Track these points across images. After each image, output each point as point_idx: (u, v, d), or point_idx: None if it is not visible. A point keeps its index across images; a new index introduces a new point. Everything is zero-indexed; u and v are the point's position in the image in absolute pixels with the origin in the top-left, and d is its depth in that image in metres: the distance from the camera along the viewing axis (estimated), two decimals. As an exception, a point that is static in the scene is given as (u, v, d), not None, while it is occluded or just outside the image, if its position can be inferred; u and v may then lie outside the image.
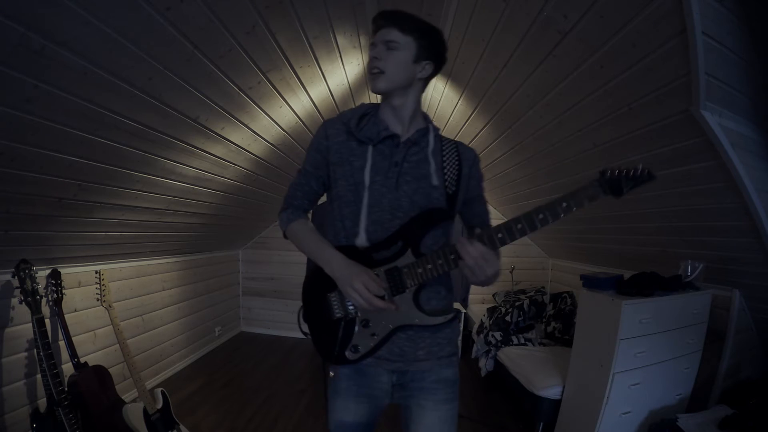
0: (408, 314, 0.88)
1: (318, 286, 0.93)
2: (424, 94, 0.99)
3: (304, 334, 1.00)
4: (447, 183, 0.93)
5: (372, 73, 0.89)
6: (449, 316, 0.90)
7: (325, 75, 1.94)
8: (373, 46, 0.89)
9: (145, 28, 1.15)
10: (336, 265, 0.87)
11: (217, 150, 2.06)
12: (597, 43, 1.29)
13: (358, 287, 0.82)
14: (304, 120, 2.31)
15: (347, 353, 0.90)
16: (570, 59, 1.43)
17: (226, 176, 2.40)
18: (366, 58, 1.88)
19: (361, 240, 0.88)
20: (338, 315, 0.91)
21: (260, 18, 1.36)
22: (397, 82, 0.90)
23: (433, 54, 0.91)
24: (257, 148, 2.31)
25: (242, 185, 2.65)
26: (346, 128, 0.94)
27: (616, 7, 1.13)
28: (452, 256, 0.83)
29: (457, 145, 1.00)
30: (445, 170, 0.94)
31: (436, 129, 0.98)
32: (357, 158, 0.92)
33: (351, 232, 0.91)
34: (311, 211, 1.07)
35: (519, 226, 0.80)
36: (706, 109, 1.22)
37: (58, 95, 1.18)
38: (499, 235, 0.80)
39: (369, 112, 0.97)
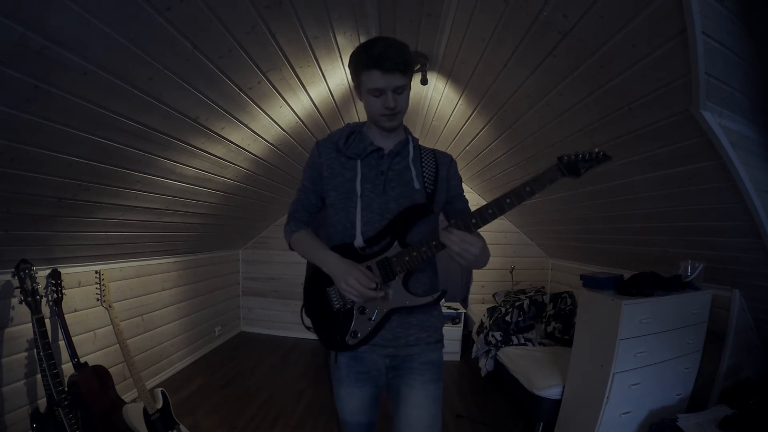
0: (399, 298, 1.00)
1: (318, 283, 1.06)
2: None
3: (308, 328, 1.10)
4: (426, 184, 1.06)
5: (386, 116, 0.98)
6: (435, 295, 1.01)
7: (325, 75, 1.94)
8: (378, 92, 0.94)
9: (145, 28, 1.15)
10: (331, 264, 0.99)
11: (217, 150, 2.06)
12: (597, 43, 1.29)
13: (350, 282, 0.93)
14: (304, 120, 2.31)
15: (348, 339, 1.02)
16: (570, 59, 1.43)
17: (226, 176, 2.40)
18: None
19: (358, 241, 1.00)
20: (337, 306, 1.03)
21: (260, 18, 1.36)
22: (405, 113, 1.02)
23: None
24: (257, 148, 2.31)
25: (242, 185, 2.66)
26: (335, 147, 1.06)
27: (616, 7, 1.13)
28: (434, 242, 0.94)
29: (435, 152, 1.14)
30: (425, 174, 1.07)
31: (415, 140, 1.11)
32: (348, 171, 1.04)
33: (345, 234, 1.03)
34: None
35: (490, 211, 0.92)
36: (706, 109, 1.22)
37: (58, 95, 1.18)
38: (473, 220, 0.92)
39: (355, 130, 1.08)
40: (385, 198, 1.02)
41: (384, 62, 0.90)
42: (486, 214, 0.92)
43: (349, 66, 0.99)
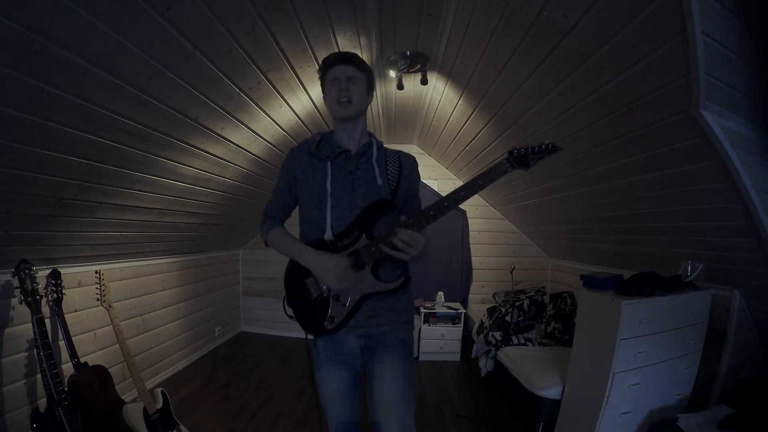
0: (370, 285, 1.10)
1: (296, 276, 1.16)
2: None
3: (290, 317, 1.19)
4: (390, 181, 1.16)
5: (341, 102, 1.10)
6: (401, 281, 1.12)
7: (325, 75, 1.93)
8: (335, 81, 1.10)
9: (145, 27, 1.15)
10: (308, 256, 1.09)
11: (217, 150, 2.06)
12: (597, 43, 1.29)
13: (330, 268, 1.04)
14: (304, 120, 2.31)
15: (326, 324, 1.12)
16: (570, 59, 1.43)
17: (226, 176, 2.40)
18: (367, 57, 1.88)
19: (328, 234, 1.10)
20: (315, 295, 1.13)
21: (260, 18, 1.36)
22: (360, 108, 1.14)
23: (373, 88, 1.20)
24: (257, 148, 2.31)
25: (242, 185, 2.66)
26: (308, 151, 1.17)
27: (616, 7, 1.13)
28: (388, 240, 1.04)
29: (399, 153, 1.24)
30: (389, 172, 1.17)
31: (379, 142, 1.22)
32: (319, 172, 1.14)
33: (319, 230, 1.12)
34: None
35: (446, 203, 1.02)
36: (706, 109, 1.22)
37: (58, 95, 1.18)
38: (431, 212, 1.02)
39: (325, 136, 1.19)
40: (353, 195, 1.12)
41: (340, 56, 1.12)
42: (443, 206, 1.02)
43: (319, 72, 1.15)
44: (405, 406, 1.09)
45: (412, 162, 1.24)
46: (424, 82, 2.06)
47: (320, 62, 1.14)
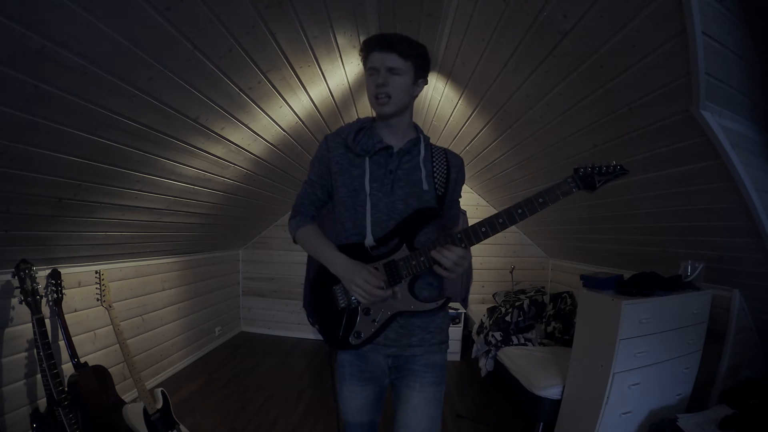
0: (404, 302, 0.99)
1: (324, 281, 1.04)
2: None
3: (312, 324, 1.09)
4: (437, 186, 1.04)
5: (378, 99, 0.96)
6: (440, 302, 1.00)
7: (325, 75, 1.93)
8: (373, 70, 0.95)
9: (145, 28, 1.15)
10: (339, 265, 0.98)
11: (217, 150, 2.06)
12: (597, 43, 1.29)
13: (359, 282, 0.93)
14: (304, 120, 2.31)
15: (351, 338, 1.01)
16: (570, 59, 1.43)
17: (226, 176, 2.40)
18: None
19: (369, 240, 0.98)
20: (342, 305, 1.02)
21: (260, 18, 1.36)
22: (401, 105, 1.00)
23: (426, 72, 1.03)
24: (257, 148, 2.31)
25: (242, 185, 2.65)
26: (344, 142, 1.04)
27: (616, 7, 1.13)
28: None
29: (446, 152, 1.11)
30: (435, 175, 1.05)
31: (427, 138, 1.08)
32: (356, 168, 1.02)
33: (351, 233, 1.02)
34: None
35: (500, 220, 0.91)
36: (706, 109, 1.22)
37: (58, 95, 1.18)
38: (483, 229, 0.91)
39: (365, 126, 1.05)
40: (392, 198, 1.00)
41: (381, 41, 0.94)
42: (496, 224, 0.91)
43: (360, 53, 1.01)
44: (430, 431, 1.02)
45: (459, 164, 1.11)
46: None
47: (371, 37, 0.98)
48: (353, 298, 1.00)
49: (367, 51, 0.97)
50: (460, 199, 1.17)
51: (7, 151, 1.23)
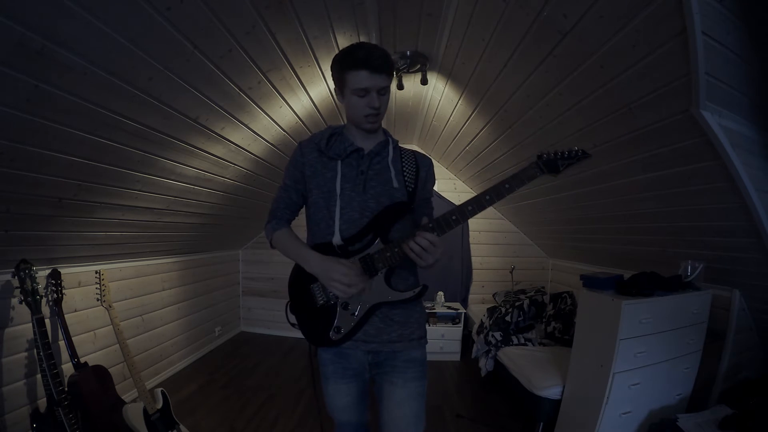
0: (382, 293, 1.02)
1: (301, 280, 1.08)
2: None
3: (292, 324, 1.11)
4: (407, 182, 1.09)
5: (368, 118, 1.01)
6: (417, 290, 1.04)
7: (325, 75, 1.94)
8: (364, 92, 0.97)
9: (145, 28, 1.15)
10: (314, 262, 1.01)
11: (217, 150, 2.06)
12: (597, 43, 1.29)
13: (336, 276, 0.95)
14: (304, 120, 2.31)
15: (331, 334, 1.04)
16: (570, 59, 1.43)
17: (226, 176, 2.40)
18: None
19: (336, 239, 1.02)
20: (321, 302, 1.05)
21: (260, 18, 1.36)
22: (383, 116, 1.05)
23: None
24: (257, 148, 2.31)
25: (242, 185, 2.66)
26: (317, 147, 1.08)
27: (616, 7, 1.14)
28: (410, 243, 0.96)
29: (415, 153, 1.17)
30: (405, 173, 1.10)
31: (395, 141, 1.14)
32: (328, 171, 1.06)
33: (326, 232, 1.05)
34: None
35: (470, 207, 0.95)
36: (706, 109, 1.22)
37: (58, 95, 1.18)
38: (453, 217, 0.95)
39: (336, 131, 1.10)
40: (365, 197, 1.04)
41: (372, 62, 0.93)
42: (466, 211, 0.95)
43: (333, 68, 1.01)
44: (415, 427, 1.06)
45: (428, 164, 1.17)
46: (424, 82, 2.06)
47: (349, 54, 0.95)
48: (331, 294, 1.02)
49: (353, 67, 0.94)
50: (432, 198, 1.21)
51: (7, 151, 1.23)
